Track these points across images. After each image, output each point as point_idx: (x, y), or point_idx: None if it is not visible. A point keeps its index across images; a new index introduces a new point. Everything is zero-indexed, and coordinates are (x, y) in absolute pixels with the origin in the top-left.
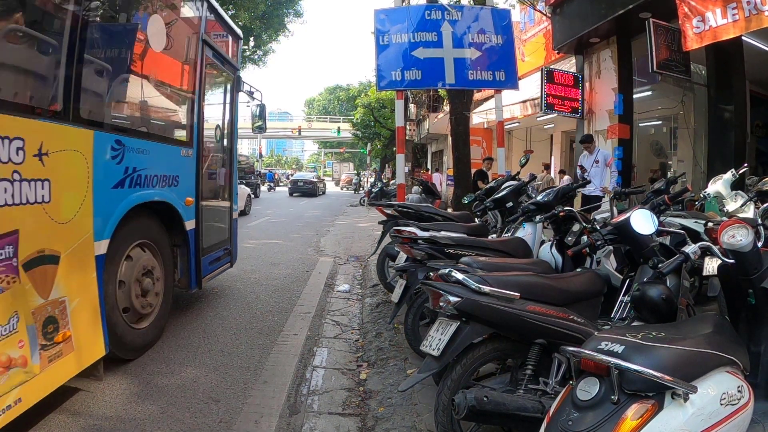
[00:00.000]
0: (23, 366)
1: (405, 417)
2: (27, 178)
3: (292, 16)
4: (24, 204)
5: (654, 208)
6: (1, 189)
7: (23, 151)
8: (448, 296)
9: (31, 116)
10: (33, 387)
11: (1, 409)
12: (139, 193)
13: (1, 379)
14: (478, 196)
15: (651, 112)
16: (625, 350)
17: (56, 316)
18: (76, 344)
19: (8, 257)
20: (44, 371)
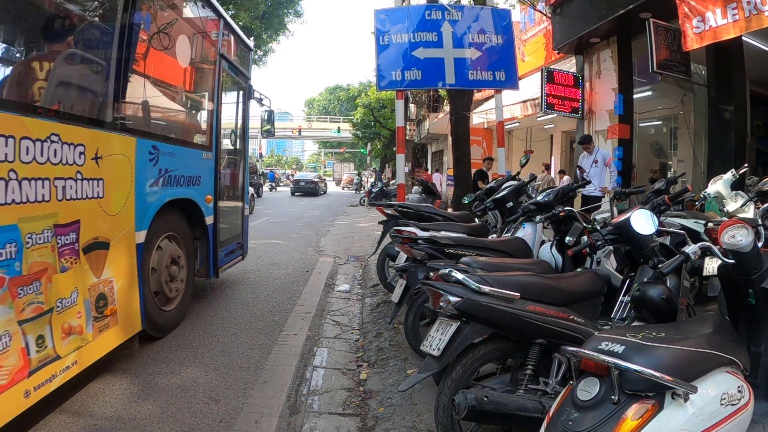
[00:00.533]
0: (80, 333)
1: (405, 417)
2: (87, 177)
3: (292, 16)
4: (84, 199)
5: (654, 208)
6: (68, 186)
7: (84, 155)
8: (449, 296)
9: (89, 126)
10: (86, 352)
11: (62, 369)
12: (169, 191)
13: (63, 343)
14: (478, 196)
15: (651, 112)
16: (626, 350)
17: (106, 293)
18: (120, 319)
19: (72, 242)
20: (95, 340)
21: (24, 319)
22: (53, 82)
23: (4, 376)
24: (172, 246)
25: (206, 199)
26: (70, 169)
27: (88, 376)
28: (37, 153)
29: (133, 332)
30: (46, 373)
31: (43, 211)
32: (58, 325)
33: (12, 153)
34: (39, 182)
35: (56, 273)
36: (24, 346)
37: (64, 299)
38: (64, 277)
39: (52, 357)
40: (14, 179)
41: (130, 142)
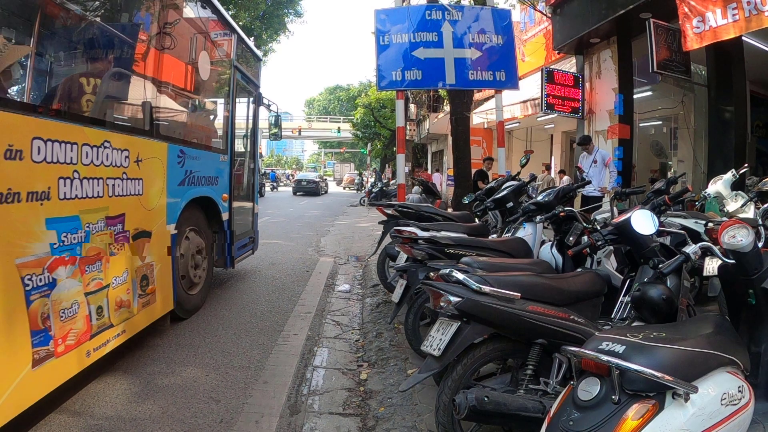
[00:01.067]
0: (128, 307)
1: (405, 417)
2: (130, 177)
3: (292, 16)
4: (128, 195)
5: (654, 208)
6: (116, 184)
7: (128, 159)
8: (449, 296)
9: (132, 134)
10: (132, 323)
11: (114, 336)
12: (194, 190)
13: (116, 314)
14: (478, 196)
15: (651, 113)
16: (626, 350)
17: (148, 275)
18: (157, 297)
19: (121, 231)
20: (139, 313)
21: (89, 291)
22: (101, 96)
23: (73, 337)
24: (196, 238)
25: (223, 197)
26: (117, 171)
27: (88, 376)
28: (94, 157)
29: (166, 310)
30: (102, 337)
31: (98, 205)
32: (112, 298)
33: (75, 157)
34: (95, 181)
35: (111, 255)
36: (88, 313)
37: (118, 277)
38: (116, 260)
39: (107, 324)
40: (77, 178)
41: (163, 147)
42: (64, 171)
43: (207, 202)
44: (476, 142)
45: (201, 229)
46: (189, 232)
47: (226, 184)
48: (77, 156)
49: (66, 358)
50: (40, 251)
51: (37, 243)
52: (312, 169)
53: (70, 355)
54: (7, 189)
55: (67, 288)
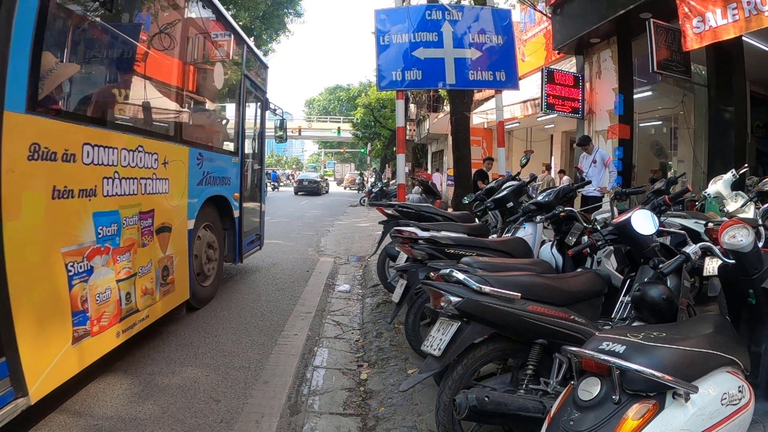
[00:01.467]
0: (151, 294)
1: (406, 417)
2: (159, 177)
3: (293, 16)
4: (157, 193)
5: (654, 208)
6: (148, 184)
7: (157, 161)
8: (449, 296)
9: (161, 139)
10: (154, 309)
11: (140, 320)
12: (210, 189)
13: (141, 300)
14: (478, 196)
15: (651, 113)
16: (626, 350)
17: (168, 266)
18: (176, 287)
19: (149, 225)
20: (160, 301)
21: (119, 278)
22: (136, 106)
23: (106, 319)
24: (209, 234)
25: (234, 196)
26: (149, 171)
27: (89, 375)
28: (130, 159)
29: (183, 299)
30: (130, 321)
31: (133, 201)
32: (139, 286)
33: (116, 159)
34: (131, 180)
35: (139, 247)
36: (119, 298)
37: (143, 267)
38: (143, 251)
39: (134, 309)
40: (117, 178)
41: (185, 151)
42: (107, 172)
43: (220, 200)
44: (476, 142)
45: (214, 225)
46: (204, 228)
47: (238, 184)
48: (117, 159)
49: (100, 337)
50: (84, 241)
51: (83, 234)
52: (312, 169)
53: (103, 335)
54: (63, 186)
55: (102, 275)
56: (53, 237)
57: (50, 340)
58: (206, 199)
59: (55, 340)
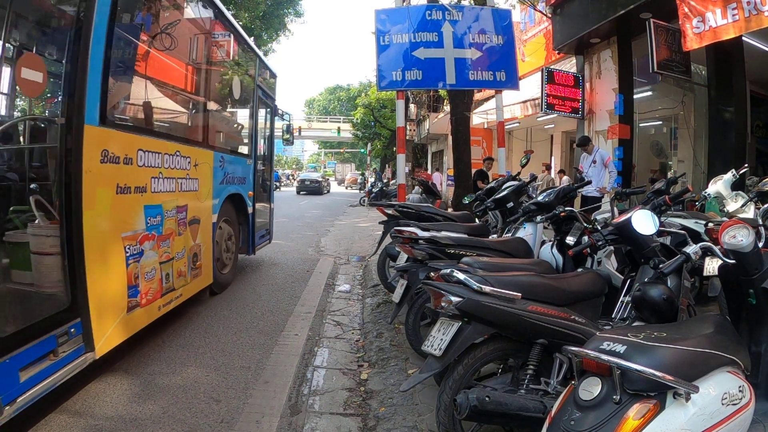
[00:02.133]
0: (185, 276)
1: (406, 417)
2: (191, 177)
3: (292, 16)
4: (189, 191)
5: (654, 208)
6: (183, 183)
7: (190, 163)
8: (450, 296)
9: (192, 145)
10: (186, 290)
11: (175, 297)
12: (229, 188)
13: (177, 281)
14: (478, 196)
15: (651, 113)
16: (627, 350)
17: (197, 253)
18: (202, 272)
19: (183, 218)
20: (190, 282)
21: (161, 261)
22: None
23: (151, 294)
24: (228, 227)
25: (249, 194)
26: (183, 172)
27: (89, 375)
28: (171, 162)
29: (208, 283)
30: (168, 297)
31: (172, 197)
32: (175, 268)
33: (160, 162)
34: (171, 180)
35: (176, 236)
36: (161, 278)
37: (179, 253)
38: (179, 239)
39: (171, 288)
40: (161, 177)
41: (210, 155)
42: (154, 172)
43: (237, 198)
44: (476, 142)
45: (231, 220)
46: (223, 222)
47: (251, 183)
48: (161, 162)
49: (146, 309)
50: (137, 228)
51: (137, 222)
52: (312, 169)
53: (149, 307)
54: (124, 184)
55: (149, 257)
56: (116, 224)
57: (112, 308)
58: (226, 196)
59: (115, 308)
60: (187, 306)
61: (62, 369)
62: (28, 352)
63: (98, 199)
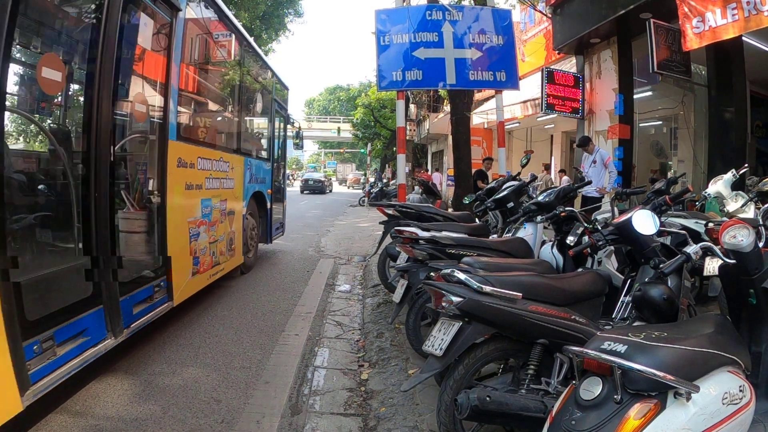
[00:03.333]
0: (224, 255)
1: (407, 417)
2: (229, 178)
3: (293, 16)
4: (228, 189)
5: (655, 208)
6: (224, 182)
7: (228, 167)
8: (451, 296)
9: (231, 153)
10: (226, 265)
11: (219, 270)
12: (255, 186)
13: (220, 257)
14: (478, 196)
15: (651, 113)
16: (628, 350)
17: (233, 238)
18: (235, 253)
19: (224, 209)
20: (228, 261)
21: (210, 241)
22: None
23: (205, 265)
24: (252, 219)
25: (268, 192)
26: (224, 174)
27: (89, 375)
28: (216, 166)
29: (239, 263)
30: (215, 269)
31: (217, 193)
32: (218, 248)
33: (211, 166)
34: (217, 179)
35: (219, 223)
36: (210, 254)
37: (221, 236)
38: (221, 225)
39: (217, 262)
40: (211, 178)
41: (242, 160)
42: (207, 174)
43: (258, 195)
44: (476, 142)
45: (254, 213)
46: (249, 215)
47: (270, 182)
48: (212, 166)
49: (202, 275)
50: (196, 216)
51: (196, 211)
52: (312, 169)
53: (203, 275)
54: (190, 182)
55: (203, 238)
56: (185, 211)
57: (183, 272)
58: (252, 193)
59: (185, 272)
60: (187, 305)
61: (156, 309)
62: (137, 294)
63: (176, 192)
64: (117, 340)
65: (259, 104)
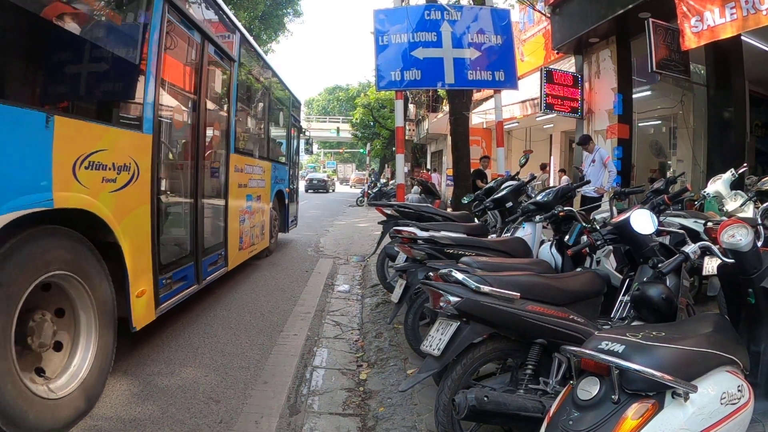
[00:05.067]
0: (258, 238)
1: (405, 417)
2: (262, 179)
3: (292, 16)
4: (261, 187)
5: (653, 207)
6: (259, 182)
7: (261, 170)
8: (449, 296)
9: (263, 159)
10: (257, 246)
11: (253, 249)
12: (278, 185)
13: (255, 239)
14: (477, 196)
15: (650, 112)
16: (626, 350)
17: (263, 225)
18: (264, 238)
19: (258, 203)
20: (259, 243)
21: (250, 226)
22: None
23: (245, 244)
24: (274, 212)
25: (286, 190)
26: (259, 176)
27: None
28: (255, 170)
29: (266, 246)
30: (251, 248)
31: (255, 190)
32: (254, 232)
33: (252, 170)
34: (255, 180)
35: (256, 213)
36: (249, 236)
37: (256, 224)
38: (256, 216)
39: (253, 243)
40: (252, 179)
41: (269, 164)
42: (250, 176)
43: (279, 193)
44: (475, 142)
45: (276, 207)
46: (272, 209)
47: (287, 182)
48: (252, 170)
49: (245, 250)
50: (243, 206)
51: (243, 204)
52: (311, 169)
53: (245, 250)
54: (241, 182)
55: (246, 223)
56: (237, 203)
57: (234, 247)
58: (275, 191)
59: (235, 247)
60: (186, 305)
61: (219, 270)
62: (209, 259)
63: (234, 190)
64: (199, 287)
65: (281, 119)
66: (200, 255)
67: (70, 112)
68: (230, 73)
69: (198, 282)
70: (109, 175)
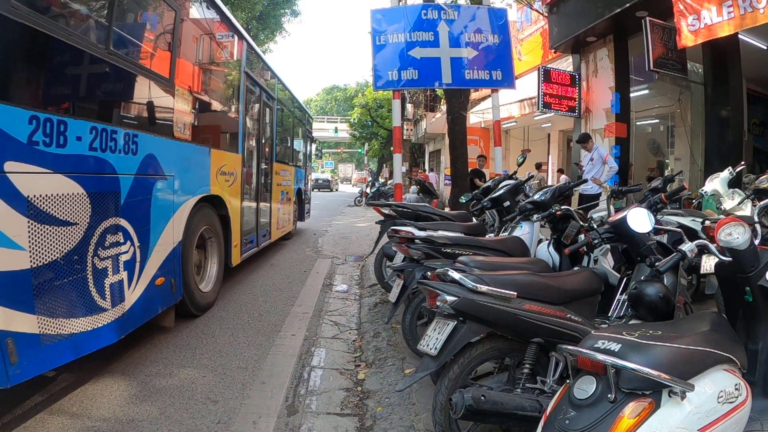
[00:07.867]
0: (286, 222)
1: (403, 416)
2: (289, 179)
3: (289, 16)
4: (288, 186)
5: (651, 206)
6: (288, 182)
7: (288, 173)
8: (445, 296)
9: (289, 165)
10: (285, 229)
11: (284, 230)
12: (298, 184)
13: (284, 223)
14: (475, 195)
15: (648, 111)
16: (622, 349)
17: (290, 214)
18: (290, 223)
19: (288, 197)
20: (286, 227)
21: (283, 213)
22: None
23: (279, 226)
24: (295, 205)
25: (303, 188)
26: (288, 177)
27: (86, 376)
28: (286, 173)
29: (290, 230)
30: (282, 230)
31: (286, 188)
32: (285, 218)
33: (284, 173)
34: (285, 180)
35: (286, 205)
36: (282, 221)
37: (287, 212)
38: (287, 206)
39: (283, 226)
40: (285, 179)
41: (293, 168)
42: (283, 178)
43: (298, 190)
44: (473, 141)
45: (296, 201)
46: (293, 203)
47: (304, 182)
48: (284, 173)
49: (278, 231)
50: (280, 199)
51: (279, 197)
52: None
53: (279, 230)
54: (279, 182)
55: (282, 211)
56: (276, 197)
57: (274, 227)
58: (296, 189)
59: (275, 227)
60: None
61: (267, 240)
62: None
63: (274, 188)
64: (259, 248)
65: (300, 133)
66: (259, 229)
67: (216, 147)
68: (272, 108)
69: (257, 245)
70: (228, 178)
